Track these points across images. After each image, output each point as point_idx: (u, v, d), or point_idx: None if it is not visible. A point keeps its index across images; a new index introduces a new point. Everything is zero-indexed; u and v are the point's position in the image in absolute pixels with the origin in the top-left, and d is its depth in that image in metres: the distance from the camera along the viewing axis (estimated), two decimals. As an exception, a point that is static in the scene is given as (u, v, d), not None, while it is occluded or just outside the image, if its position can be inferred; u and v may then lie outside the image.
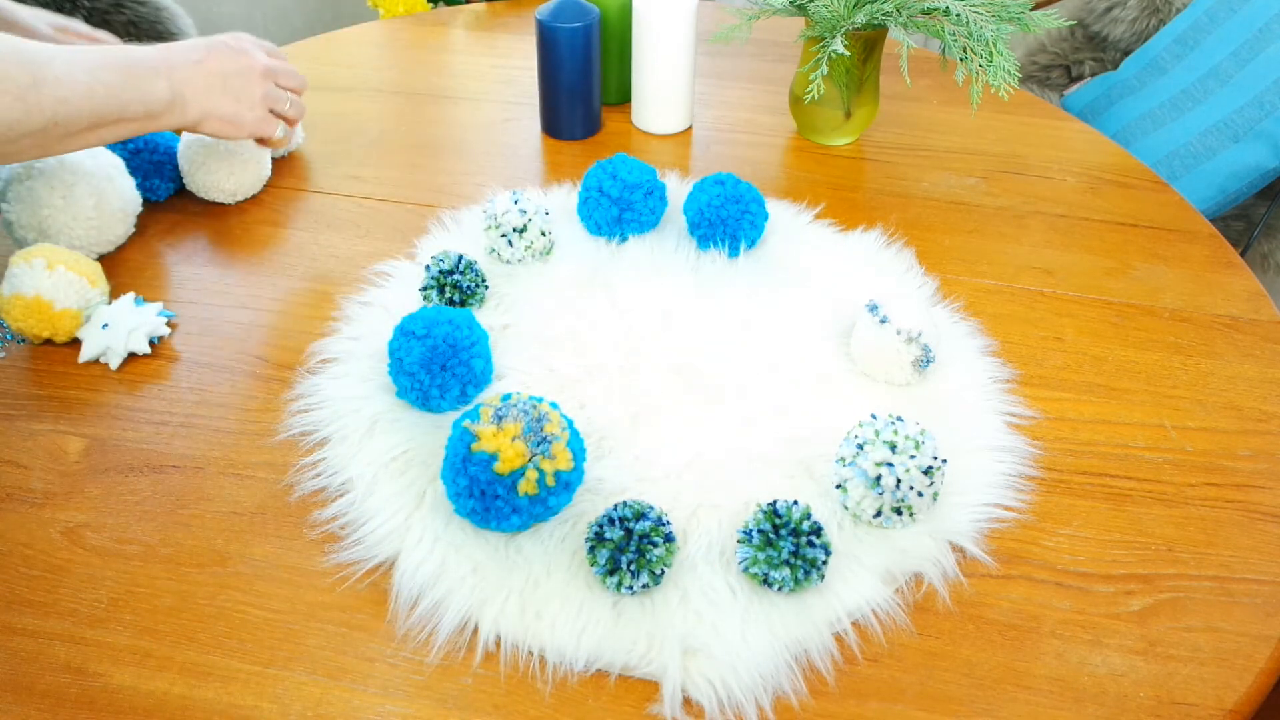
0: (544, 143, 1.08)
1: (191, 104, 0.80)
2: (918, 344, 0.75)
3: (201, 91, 0.80)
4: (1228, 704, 0.59)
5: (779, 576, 0.61)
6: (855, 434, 0.67)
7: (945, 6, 0.91)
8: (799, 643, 0.60)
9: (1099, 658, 0.61)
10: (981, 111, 1.14)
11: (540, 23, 1.01)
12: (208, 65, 0.81)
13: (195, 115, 0.81)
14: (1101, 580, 0.65)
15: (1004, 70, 0.90)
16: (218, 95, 0.81)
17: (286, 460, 0.72)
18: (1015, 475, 0.71)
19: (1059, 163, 1.06)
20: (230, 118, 0.83)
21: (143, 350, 0.79)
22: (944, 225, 0.96)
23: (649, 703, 0.58)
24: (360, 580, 0.64)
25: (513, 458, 0.61)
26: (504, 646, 0.60)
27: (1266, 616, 0.63)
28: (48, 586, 0.64)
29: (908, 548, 0.65)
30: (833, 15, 0.94)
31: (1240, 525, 0.69)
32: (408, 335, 0.71)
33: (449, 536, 0.65)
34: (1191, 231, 0.96)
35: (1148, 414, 0.77)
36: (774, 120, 1.12)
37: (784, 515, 0.62)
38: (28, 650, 0.60)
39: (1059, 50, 1.78)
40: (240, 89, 0.83)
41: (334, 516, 0.68)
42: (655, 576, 0.61)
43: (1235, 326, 0.85)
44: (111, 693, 0.58)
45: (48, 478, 0.70)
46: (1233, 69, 1.41)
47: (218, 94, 0.81)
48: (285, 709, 0.58)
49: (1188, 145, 1.42)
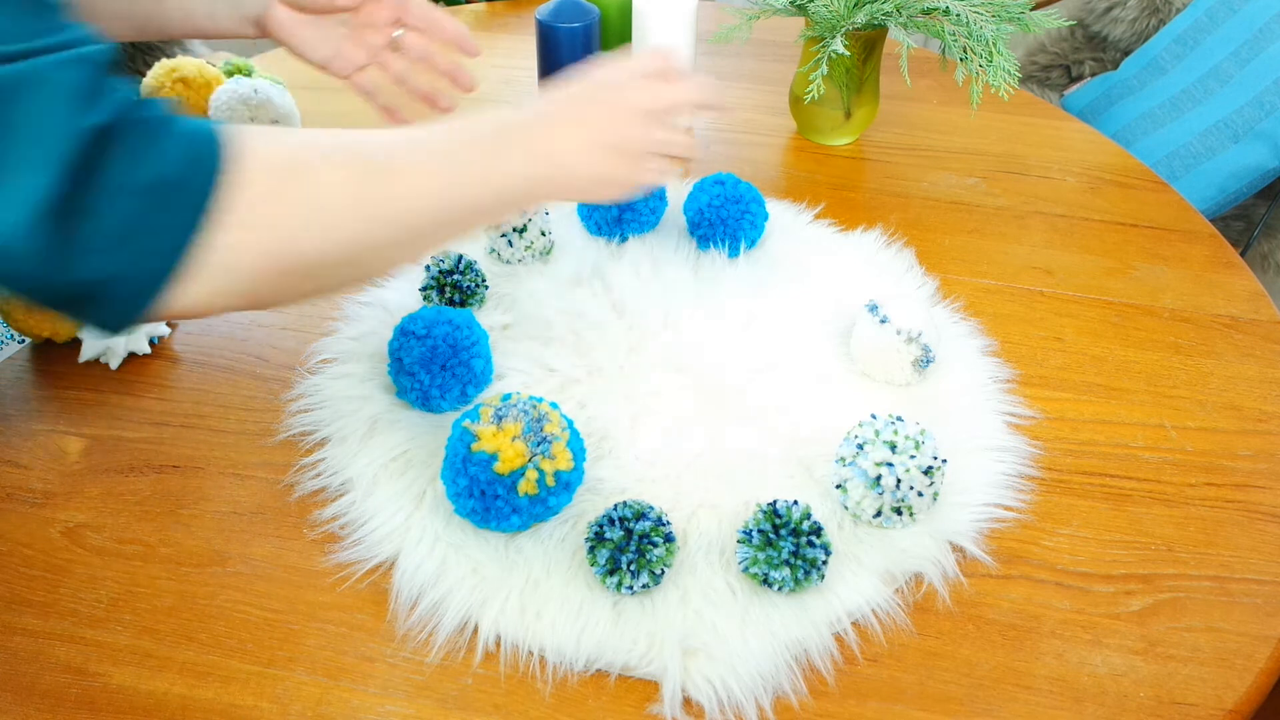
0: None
1: (578, 173, 0.62)
2: (918, 344, 0.75)
3: (575, 157, 0.62)
4: (1228, 704, 0.59)
5: (779, 576, 0.61)
6: (855, 434, 0.67)
7: (945, 6, 0.91)
8: (799, 643, 0.60)
9: (1099, 658, 0.61)
10: (981, 111, 1.14)
11: (540, 23, 1.01)
12: (570, 119, 0.63)
13: (576, 188, 0.63)
14: (1101, 580, 0.65)
15: (1004, 70, 0.90)
16: (597, 156, 0.63)
17: (286, 460, 0.72)
18: (1015, 475, 0.71)
19: (1059, 163, 1.06)
20: (606, 179, 0.64)
21: (143, 350, 0.79)
22: (944, 225, 0.96)
23: (649, 703, 0.58)
24: (360, 580, 0.64)
25: (513, 458, 0.61)
26: (504, 646, 0.60)
27: (1266, 616, 0.63)
28: (48, 586, 0.64)
29: (908, 548, 0.65)
30: (833, 15, 0.94)
31: (1240, 525, 0.69)
32: (408, 335, 0.71)
33: (449, 536, 0.65)
34: (1191, 231, 0.96)
35: (1148, 414, 0.77)
36: (774, 120, 1.12)
37: (784, 515, 0.62)
38: (28, 650, 0.60)
39: (1059, 50, 1.78)
40: (623, 144, 0.64)
41: (334, 516, 0.68)
42: (655, 576, 0.61)
43: (1235, 326, 0.85)
44: (111, 693, 0.58)
45: (48, 478, 0.70)
46: (1233, 69, 1.41)
47: (598, 154, 0.63)
48: (285, 709, 0.58)
49: (1188, 145, 1.42)
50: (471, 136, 0.60)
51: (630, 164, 0.65)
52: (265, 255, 0.51)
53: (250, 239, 0.50)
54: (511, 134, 0.61)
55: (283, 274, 0.52)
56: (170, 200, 0.47)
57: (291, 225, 0.52)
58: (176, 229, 0.48)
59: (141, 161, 0.47)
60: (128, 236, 0.47)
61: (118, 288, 0.48)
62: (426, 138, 0.58)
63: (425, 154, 0.57)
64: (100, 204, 0.46)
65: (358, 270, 0.57)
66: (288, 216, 0.52)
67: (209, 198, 0.49)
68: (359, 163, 0.55)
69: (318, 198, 0.53)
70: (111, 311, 0.49)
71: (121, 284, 0.48)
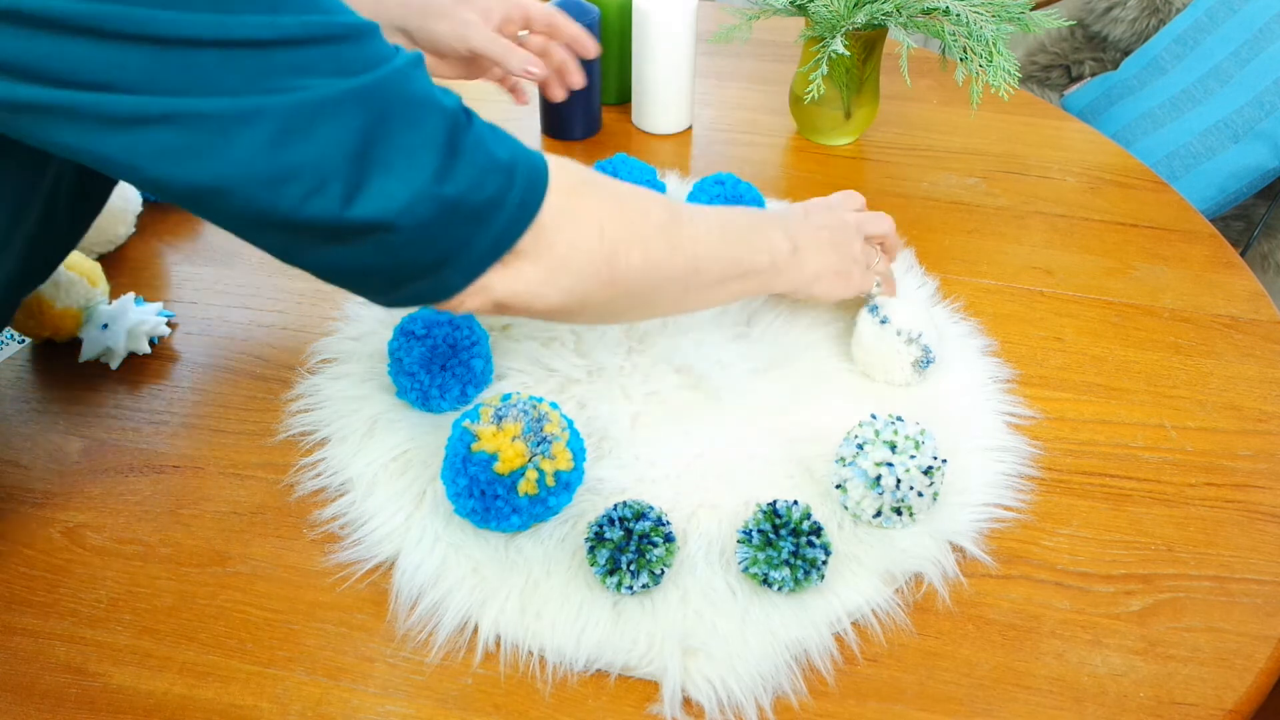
0: (544, 143, 1.08)
1: (807, 259, 0.72)
2: (918, 344, 0.75)
3: (814, 246, 0.72)
4: (1228, 704, 0.59)
5: (779, 576, 0.61)
6: (855, 434, 0.67)
7: (945, 6, 0.91)
8: (799, 643, 0.60)
9: (1099, 658, 0.61)
10: (981, 111, 1.14)
11: (540, 23, 1.01)
12: (814, 220, 0.74)
13: (811, 270, 0.72)
14: (1101, 580, 0.65)
15: (1004, 70, 0.90)
16: (827, 251, 0.73)
17: (286, 460, 0.72)
18: (1015, 475, 0.71)
19: (1059, 163, 1.06)
20: (841, 273, 0.75)
21: (143, 350, 0.79)
22: (944, 225, 0.96)
23: (649, 703, 0.58)
24: (360, 580, 0.64)
25: (513, 458, 0.61)
26: (504, 646, 0.60)
27: (1266, 616, 0.63)
28: (48, 586, 0.64)
29: (908, 548, 0.65)
30: (833, 15, 0.94)
31: (1240, 525, 0.69)
32: (408, 335, 0.71)
33: (449, 536, 0.65)
34: (1191, 231, 0.96)
35: (1148, 414, 0.77)
36: (774, 120, 1.12)
37: (784, 515, 0.62)
38: (28, 650, 0.60)
39: (1059, 50, 1.78)
40: (842, 244, 0.75)
41: (334, 516, 0.68)
42: (655, 576, 0.61)
43: (1235, 326, 0.85)
44: (111, 693, 0.58)
45: (48, 478, 0.70)
46: (1233, 69, 1.41)
47: (826, 249, 0.73)
48: (285, 709, 0.58)
49: (1188, 145, 1.42)
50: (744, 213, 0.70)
51: (849, 264, 0.75)
52: (594, 258, 0.58)
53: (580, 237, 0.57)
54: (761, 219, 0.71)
55: (604, 285, 0.59)
56: (517, 180, 0.54)
57: (616, 235, 0.59)
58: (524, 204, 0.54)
59: (493, 144, 0.54)
60: (491, 205, 0.53)
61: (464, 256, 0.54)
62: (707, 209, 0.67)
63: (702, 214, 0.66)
64: (471, 173, 0.52)
65: (653, 301, 0.64)
66: (614, 227, 0.59)
67: (544, 183, 0.56)
68: (662, 206, 0.63)
69: (636, 218, 0.61)
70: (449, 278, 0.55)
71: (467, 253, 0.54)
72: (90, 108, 0.44)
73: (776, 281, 0.71)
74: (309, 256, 0.52)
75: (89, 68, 0.44)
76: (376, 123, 0.49)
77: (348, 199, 0.48)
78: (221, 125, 0.46)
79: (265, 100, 0.46)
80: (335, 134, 0.48)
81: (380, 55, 0.50)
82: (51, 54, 0.43)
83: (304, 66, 0.47)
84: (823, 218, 0.75)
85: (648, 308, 0.65)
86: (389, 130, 0.49)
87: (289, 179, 0.47)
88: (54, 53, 0.43)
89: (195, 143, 0.46)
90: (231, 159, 0.46)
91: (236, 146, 0.46)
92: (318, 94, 0.47)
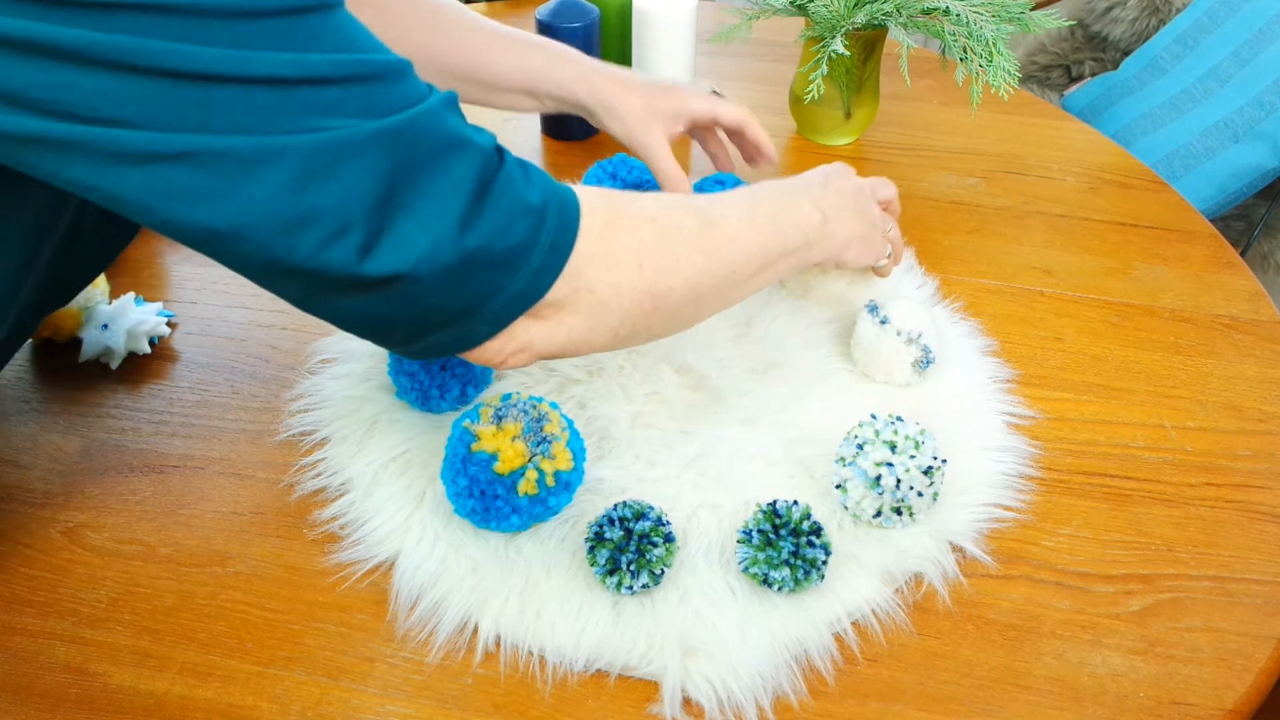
0: (544, 143, 1.08)
1: (837, 227, 0.70)
2: (918, 344, 0.75)
3: (840, 213, 0.70)
4: (1228, 704, 0.59)
5: (779, 576, 0.61)
6: (855, 434, 0.67)
7: (945, 6, 0.91)
8: (799, 643, 0.60)
9: (1099, 658, 0.61)
10: (981, 111, 1.14)
11: (540, 23, 1.01)
12: (834, 185, 0.72)
13: (842, 238, 0.71)
14: (1101, 580, 0.65)
15: (1004, 70, 0.90)
16: (851, 216, 0.72)
17: (286, 460, 0.72)
18: (1015, 475, 0.71)
19: (1059, 163, 1.06)
20: (865, 239, 0.73)
21: (143, 350, 0.79)
22: (944, 225, 0.96)
23: (649, 703, 0.58)
24: (360, 580, 0.64)
25: (513, 458, 0.61)
26: (504, 646, 0.60)
27: (1266, 616, 0.63)
28: (48, 586, 0.64)
29: (908, 548, 0.65)
30: (833, 15, 0.94)
31: (1240, 525, 0.69)
32: (408, 335, 0.71)
33: (449, 536, 0.65)
34: (1191, 231, 0.96)
35: (1148, 414, 0.77)
36: (774, 120, 1.12)
37: (784, 515, 0.62)
38: (28, 650, 0.60)
39: (1059, 50, 1.78)
40: (864, 209, 0.74)
41: (334, 516, 0.68)
42: (655, 576, 0.61)
43: (1235, 326, 0.85)
44: (111, 693, 0.58)
45: (48, 478, 0.70)
46: (1233, 69, 1.41)
47: (851, 214, 0.72)
48: (285, 709, 0.58)
49: (1188, 145, 1.42)
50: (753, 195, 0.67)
51: (872, 229, 0.74)
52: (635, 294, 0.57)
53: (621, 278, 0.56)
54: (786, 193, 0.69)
55: (647, 315, 0.58)
56: (547, 224, 0.52)
57: (656, 265, 0.57)
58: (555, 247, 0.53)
59: (525, 188, 0.52)
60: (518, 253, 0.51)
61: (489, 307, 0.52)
62: (735, 196, 0.66)
63: (732, 208, 0.64)
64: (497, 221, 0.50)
65: (698, 311, 0.63)
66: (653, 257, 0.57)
67: (575, 226, 0.54)
68: (692, 214, 0.61)
69: (671, 239, 0.59)
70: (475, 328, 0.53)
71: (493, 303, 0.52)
72: (102, 143, 0.42)
73: (811, 255, 0.69)
74: (328, 305, 0.50)
75: (102, 101, 0.42)
76: (402, 166, 0.47)
77: (366, 249, 0.47)
78: (240, 165, 0.44)
79: (286, 140, 0.44)
80: (358, 178, 0.46)
81: (412, 95, 0.48)
82: (63, 86, 0.41)
83: (329, 106, 0.45)
84: (841, 183, 0.73)
85: (693, 318, 0.64)
86: (415, 174, 0.48)
87: (308, 224, 0.45)
88: (66, 84, 0.41)
89: (211, 183, 0.44)
90: (249, 201, 0.44)
91: (255, 188, 0.44)
92: (342, 135, 0.45)
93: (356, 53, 0.46)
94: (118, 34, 0.41)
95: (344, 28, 0.47)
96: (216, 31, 0.42)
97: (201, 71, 0.42)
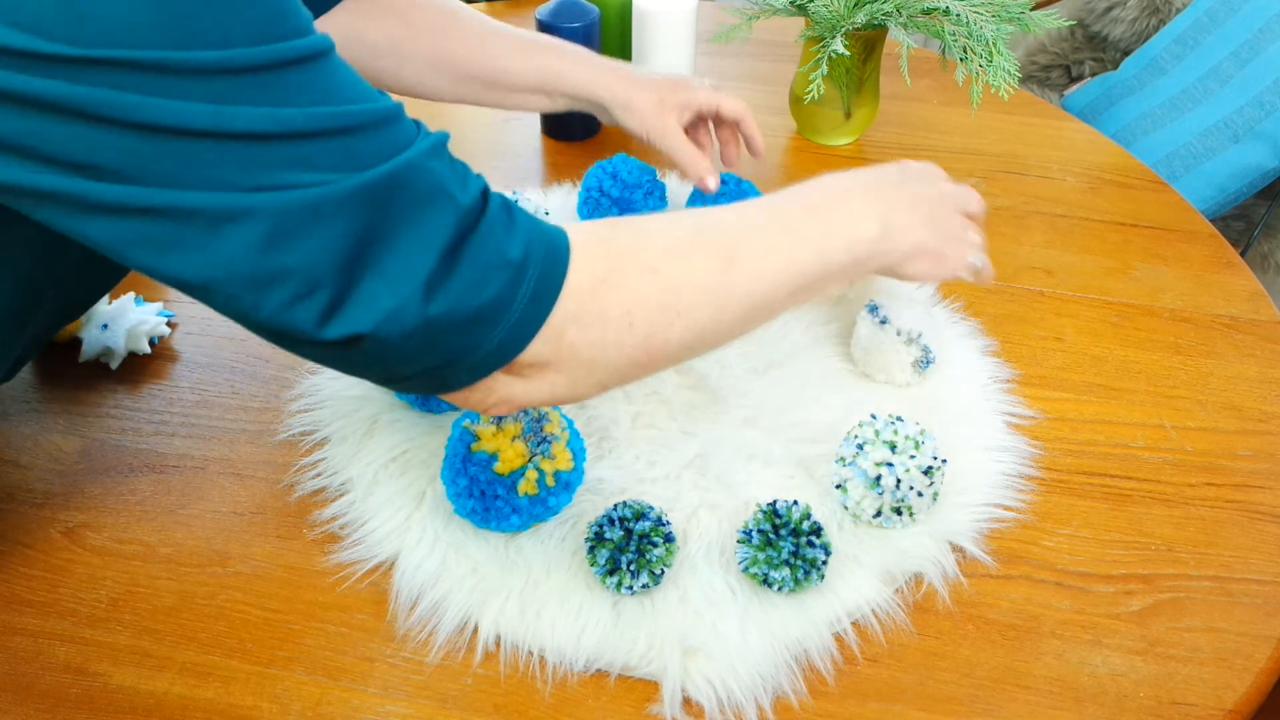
0: (544, 143, 1.08)
1: (901, 240, 0.63)
2: (917, 344, 0.75)
3: (909, 222, 0.64)
4: (1228, 704, 0.59)
5: (779, 576, 0.61)
6: (855, 434, 0.67)
7: (945, 6, 0.91)
8: (799, 643, 0.60)
9: (1099, 658, 0.61)
10: (981, 111, 1.14)
11: (540, 23, 1.01)
12: (910, 190, 0.66)
13: (903, 251, 0.64)
14: (1101, 580, 0.65)
15: (1004, 70, 0.90)
16: (921, 227, 0.65)
17: (286, 460, 0.72)
18: (1015, 475, 0.71)
19: (1059, 163, 1.06)
20: (936, 255, 0.66)
21: (143, 350, 0.79)
22: (944, 225, 0.96)
23: (649, 703, 0.58)
24: (360, 580, 0.64)
25: (513, 458, 0.61)
26: (504, 646, 0.60)
27: (1266, 616, 0.63)
28: (48, 586, 0.64)
29: (908, 548, 0.65)
30: (833, 15, 0.94)
31: (1240, 525, 0.69)
32: (408, 335, 0.71)
33: (449, 536, 0.65)
34: (1191, 231, 0.96)
35: (1148, 414, 0.77)
36: (774, 120, 1.12)
37: (784, 515, 0.62)
38: (28, 650, 0.60)
39: (1059, 50, 1.78)
40: (942, 220, 0.67)
41: (334, 516, 0.68)
42: (655, 576, 0.61)
43: (1235, 326, 0.85)
44: (111, 693, 0.58)
45: (48, 478, 0.70)
46: (1233, 69, 1.41)
47: (921, 225, 0.65)
48: (285, 709, 0.58)
49: (1188, 145, 1.42)
50: (810, 201, 0.61)
51: (946, 242, 0.67)
52: (624, 350, 0.52)
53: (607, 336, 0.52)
54: (849, 195, 0.62)
55: (640, 367, 0.54)
56: (527, 276, 0.49)
57: (650, 319, 0.53)
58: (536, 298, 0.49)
59: (505, 240, 0.49)
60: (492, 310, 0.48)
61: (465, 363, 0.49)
62: (760, 213, 0.59)
63: (761, 234, 0.58)
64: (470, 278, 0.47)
65: (710, 347, 0.58)
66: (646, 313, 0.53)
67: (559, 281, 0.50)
68: (713, 254, 0.56)
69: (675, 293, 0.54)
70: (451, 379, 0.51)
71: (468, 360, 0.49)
72: (74, 192, 0.42)
73: (859, 272, 0.63)
74: (299, 352, 0.49)
75: (75, 149, 0.41)
76: (375, 223, 0.45)
77: (332, 309, 0.45)
78: (209, 222, 0.43)
79: (257, 199, 0.43)
80: (329, 237, 0.44)
81: (396, 144, 0.47)
82: (37, 134, 0.41)
83: (304, 160, 0.44)
84: (920, 188, 0.67)
85: (706, 352, 0.59)
86: (387, 231, 0.46)
87: (274, 283, 0.44)
88: (40, 133, 0.41)
89: (180, 236, 0.43)
90: (216, 256, 0.43)
91: (223, 244, 0.43)
92: (315, 194, 0.44)
93: (339, 104, 0.45)
94: (93, 87, 0.40)
95: (327, 78, 0.45)
96: (192, 87, 0.41)
97: (175, 125, 0.41)
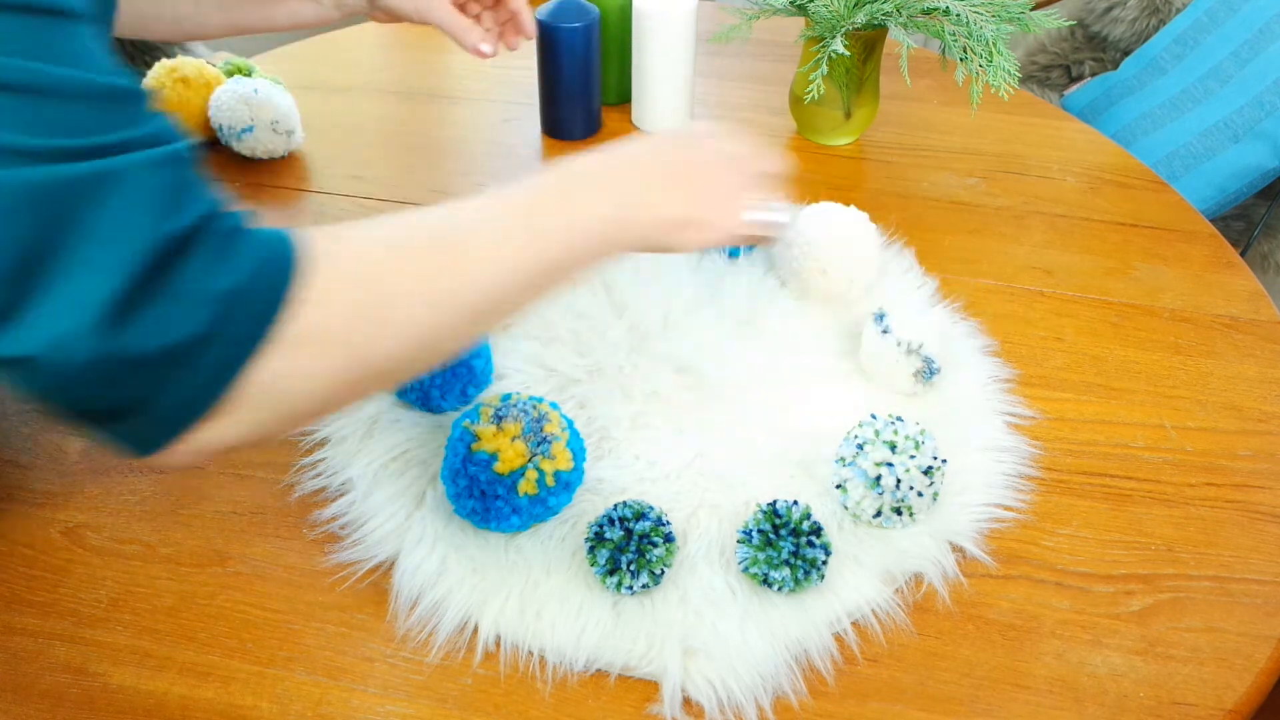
0: (544, 143, 1.08)
1: (646, 212, 0.58)
2: (918, 355, 0.74)
3: (661, 195, 0.59)
4: (1228, 704, 0.59)
5: (779, 576, 0.61)
6: (855, 434, 0.67)
7: (945, 6, 0.91)
8: (799, 643, 0.60)
9: (1099, 658, 0.61)
10: (981, 111, 1.14)
11: (540, 23, 1.01)
12: (666, 159, 0.61)
13: (654, 222, 0.59)
14: (1101, 580, 0.65)
15: (1004, 70, 0.90)
16: (676, 197, 0.60)
17: (286, 460, 0.72)
18: (1015, 475, 0.71)
19: (1059, 163, 1.06)
20: (700, 220, 0.61)
21: (143, 350, 0.79)
22: (944, 225, 0.96)
23: (649, 703, 0.58)
24: (360, 580, 0.64)
25: (513, 458, 0.61)
26: (504, 646, 0.60)
27: (1266, 616, 0.63)
28: (48, 586, 0.64)
29: (908, 548, 0.65)
30: (833, 15, 0.94)
31: (1240, 525, 0.69)
32: (408, 335, 0.71)
33: (449, 536, 0.65)
34: (1191, 231, 0.96)
35: (1148, 414, 0.77)
36: (774, 120, 1.12)
37: (784, 515, 0.62)
38: (28, 650, 0.60)
39: (1059, 50, 1.78)
40: (705, 184, 0.62)
41: (334, 516, 0.68)
42: (655, 576, 0.61)
43: (1235, 326, 0.85)
44: (111, 693, 0.58)
45: (48, 478, 0.70)
46: (1233, 69, 1.41)
47: (677, 195, 0.60)
48: (285, 709, 0.58)
49: (1188, 145, 1.42)
50: (547, 188, 0.57)
51: (717, 206, 0.62)
52: (334, 372, 0.48)
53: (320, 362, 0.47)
54: (589, 177, 0.58)
55: (352, 385, 0.49)
56: (235, 315, 0.44)
57: (364, 336, 0.48)
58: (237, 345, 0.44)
59: (213, 272, 0.43)
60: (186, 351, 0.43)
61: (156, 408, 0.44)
62: (501, 203, 0.55)
63: (497, 224, 0.54)
64: (162, 313, 0.42)
65: (431, 357, 0.53)
66: (359, 328, 0.48)
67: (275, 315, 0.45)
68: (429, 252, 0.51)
69: (389, 301, 0.49)
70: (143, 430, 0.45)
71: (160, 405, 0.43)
72: None
73: (609, 252, 0.58)
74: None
75: None
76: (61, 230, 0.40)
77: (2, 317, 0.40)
78: None
79: None
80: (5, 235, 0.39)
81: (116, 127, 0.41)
82: None
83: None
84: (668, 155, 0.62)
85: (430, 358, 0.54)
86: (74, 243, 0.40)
87: None
88: None
89: None
90: None
91: None
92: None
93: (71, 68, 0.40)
94: None
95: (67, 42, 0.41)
96: None
97: None
